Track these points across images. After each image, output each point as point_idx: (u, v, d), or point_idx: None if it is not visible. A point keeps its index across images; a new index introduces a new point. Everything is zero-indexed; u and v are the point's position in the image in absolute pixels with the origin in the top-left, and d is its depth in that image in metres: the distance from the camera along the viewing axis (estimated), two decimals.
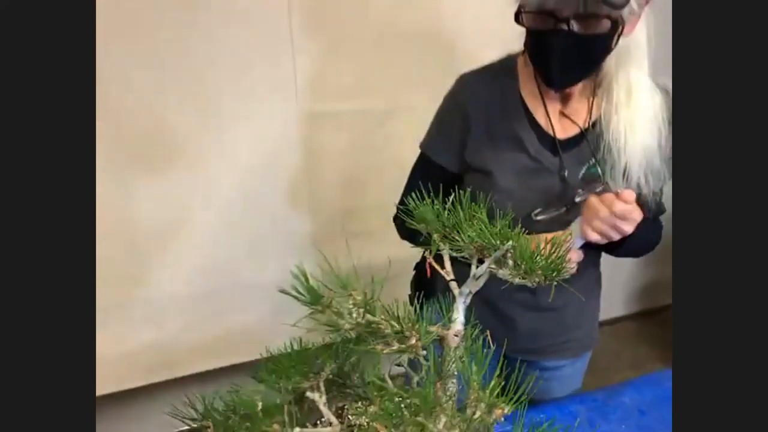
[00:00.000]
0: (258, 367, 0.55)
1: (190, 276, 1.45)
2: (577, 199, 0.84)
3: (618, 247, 0.84)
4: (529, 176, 0.84)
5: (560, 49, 0.73)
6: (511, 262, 0.50)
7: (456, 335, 0.53)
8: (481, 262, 0.55)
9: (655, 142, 0.81)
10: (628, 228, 0.75)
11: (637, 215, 0.74)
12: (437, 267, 0.58)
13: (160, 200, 1.34)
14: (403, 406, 0.41)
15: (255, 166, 1.46)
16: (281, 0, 1.31)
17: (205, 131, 1.34)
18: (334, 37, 1.40)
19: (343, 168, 1.54)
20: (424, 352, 0.49)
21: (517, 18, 0.75)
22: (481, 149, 0.86)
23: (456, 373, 0.50)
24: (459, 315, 0.54)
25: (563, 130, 0.85)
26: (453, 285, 0.56)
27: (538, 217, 0.84)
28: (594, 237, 0.77)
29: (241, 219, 1.48)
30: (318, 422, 0.54)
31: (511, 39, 0.88)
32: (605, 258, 1.04)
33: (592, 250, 0.94)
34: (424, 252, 0.64)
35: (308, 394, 0.49)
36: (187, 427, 0.56)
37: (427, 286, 0.95)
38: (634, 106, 0.79)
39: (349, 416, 0.56)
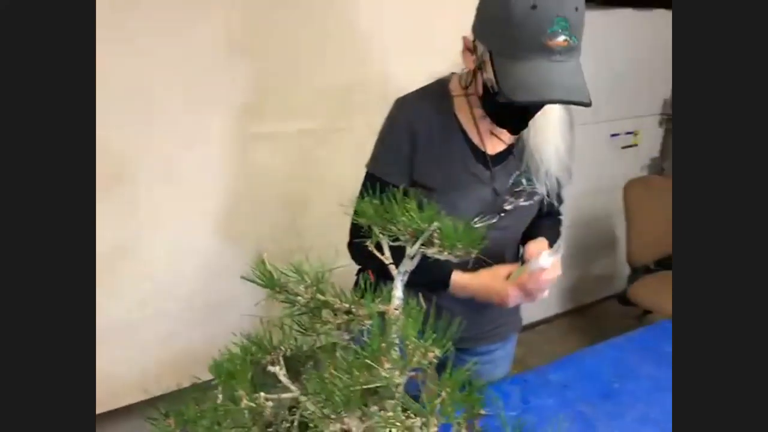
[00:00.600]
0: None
1: (136, 300, 1.44)
2: (507, 207, 0.97)
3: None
4: (467, 189, 0.95)
5: (527, 116, 0.88)
6: (437, 241, 0.60)
7: (396, 309, 0.62)
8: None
9: (564, 142, 0.95)
10: (545, 294, 0.94)
11: (544, 283, 0.92)
12: (377, 253, 0.66)
13: (102, 224, 1.34)
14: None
15: (198, 188, 1.49)
16: (218, 23, 1.37)
17: (147, 154, 1.36)
18: (271, 60, 1.48)
19: (285, 187, 1.60)
20: (369, 323, 0.57)
21: (495, 94, 0.82)
22: (427, 167, 0.95)
23: (397, 341, 0.58)
24: (398, 291, 0.63)
25: (492, 147, 0.96)
26: (391, 267, 0.65)
27: (477, 224, 0.96)
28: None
29: (186, 241, 1.49)
30: None
31: (439, 66, 0.99)
32: None
33: (512, 246, 1.07)
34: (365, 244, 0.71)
35: (269, 368, 0.55)
36: None
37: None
38: (547, 114, 0.92)
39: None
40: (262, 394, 0.50)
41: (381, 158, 1.00)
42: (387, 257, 0.67)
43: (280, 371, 0.55)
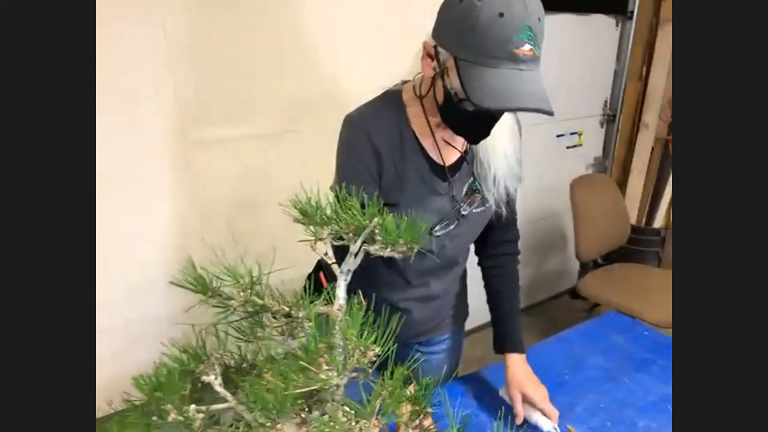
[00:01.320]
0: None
1: None
2: (464, 213, 0.97)
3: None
4: (427, 201, 0.94)
5: (492, 125, 0.85)
6: (379, 238, 0.58)
7: (339, 309, 0.60)
8: None
9: (512, 148, 0.96)
10: None
11: None
12: (319, 254, 0.64)
13: None
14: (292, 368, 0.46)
15: (140, 199, 1.42)
16: (157, 26, 1.32)
17: None
18: (213, 64, 1.43)
19: (233, 193, 1.55)
20: (310, 324, 0.55)
21: (459, 102, 0.81)
22: (392, 184, 0.92)
23: (341, 342, 0.56)
24: (341, 291, 0.61)
25: (448, 157, 0.95)
26: (334, 267, 0.63)
27: (438, 233, 0.96)
28: None
29: (128, 253, 1.42)
30: None
31: (383, 72, 0.96)
32: None
33: (464, 252, 1.09)
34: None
35: (203, 378, 0.52)
36: None
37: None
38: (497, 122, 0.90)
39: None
40: (193, 406, 0.46)
41: (353, 181, 0.89)
42: (330, 257, 0.65)
43: (215, 380, 0.51)
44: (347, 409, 0.51)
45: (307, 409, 0.51)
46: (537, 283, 2.82)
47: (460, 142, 0.96)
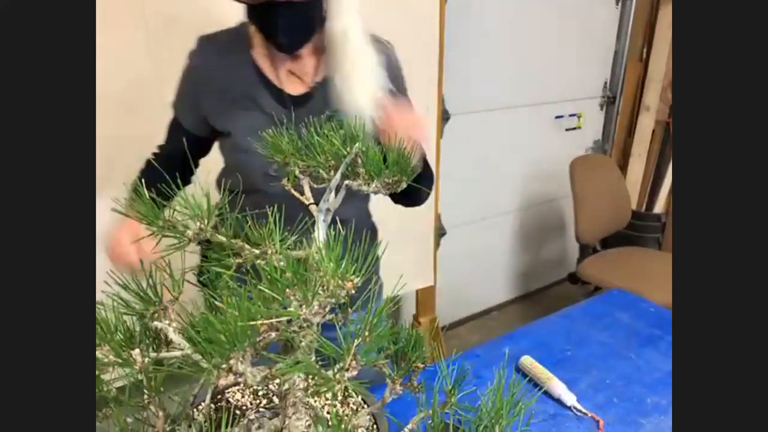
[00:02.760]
0: None
1: None
2: None
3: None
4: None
5: (281, 18, 0.80)
6: (362, 170, 0.51)
7: (317, 253, 0.52)
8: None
9: (375, 83, 0.88)
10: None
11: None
12: (296, 194, 0.57)
13: None
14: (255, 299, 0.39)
15: (118, 174, 1.34)
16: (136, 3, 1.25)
17: None
18: (191, 34, 1.36)
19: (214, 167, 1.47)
20: (282, 263, 0.47)
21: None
22: (219, 111, 0.91)
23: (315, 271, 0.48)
24: (320, 233, 0.54)
25: (294, 87, 0.91)
26: (313, 208, 0.56)
27: (274, 173, 0.89)
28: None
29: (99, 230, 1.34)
30: None
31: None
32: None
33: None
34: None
35: (155, 323, 0.44)
36: None
37: None
38: (352, 53, 0.87)
39: None
40: (137, 350, 0.39)
41: (178, 103, 0.96)
42: (308, 197, 0.58)
43: (168, 326, 0.44)
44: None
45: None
46: (535, 270, 2.75)
47: (308, 75, 0.92)
